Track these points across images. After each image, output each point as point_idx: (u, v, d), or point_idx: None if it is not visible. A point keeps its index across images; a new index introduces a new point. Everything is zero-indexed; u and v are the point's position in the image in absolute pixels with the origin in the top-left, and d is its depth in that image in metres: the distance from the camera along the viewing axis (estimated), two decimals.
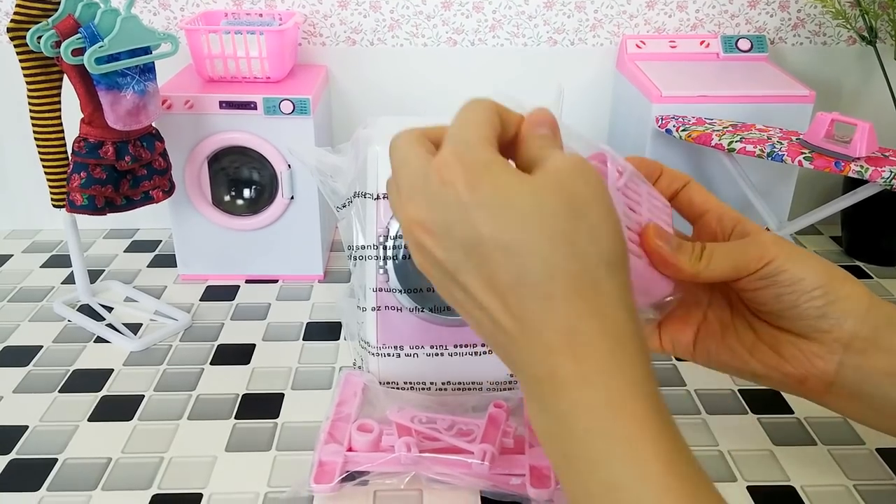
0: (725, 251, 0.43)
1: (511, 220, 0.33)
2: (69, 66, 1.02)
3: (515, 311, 0.33)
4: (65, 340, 1.16)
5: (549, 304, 0.33)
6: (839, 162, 1.03)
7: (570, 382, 0.32)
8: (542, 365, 0.33)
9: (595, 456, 0.31)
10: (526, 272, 0.33)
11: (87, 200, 1.08)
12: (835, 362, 0.43)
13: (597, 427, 0.31)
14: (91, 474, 0.90)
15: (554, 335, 0.32)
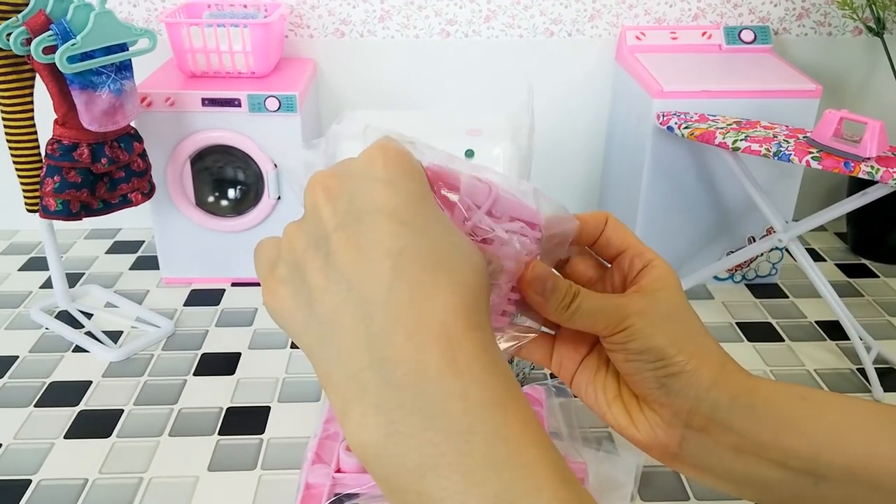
0: (593, 306, 0.43)
1: (419, 206, 0.31)
2: (41, 65, 0.97)
3: (389, 279, 0.29)
4: (42, 350, 1.11)
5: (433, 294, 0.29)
6: (849, 162, 0.98)
7: (442, 372, 0.28)
8: (402, 347, 0.28)
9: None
10: (407, 250, 0.30)
11: (61, 205, 1.03)
12: (677, 435, 0.43)
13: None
14: (66, 497, 0.85)
15: (432, 323, 0.28)
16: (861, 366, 1.08)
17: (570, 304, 0.42)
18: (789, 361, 1.11)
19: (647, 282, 0.43)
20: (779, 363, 1.11)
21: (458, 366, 0.28)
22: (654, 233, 1.29)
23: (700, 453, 0.41)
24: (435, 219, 0.32)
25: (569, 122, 1.45)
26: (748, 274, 1.32)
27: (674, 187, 1.24)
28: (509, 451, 0.27)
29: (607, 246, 0.46)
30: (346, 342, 0.29)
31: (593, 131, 1.47)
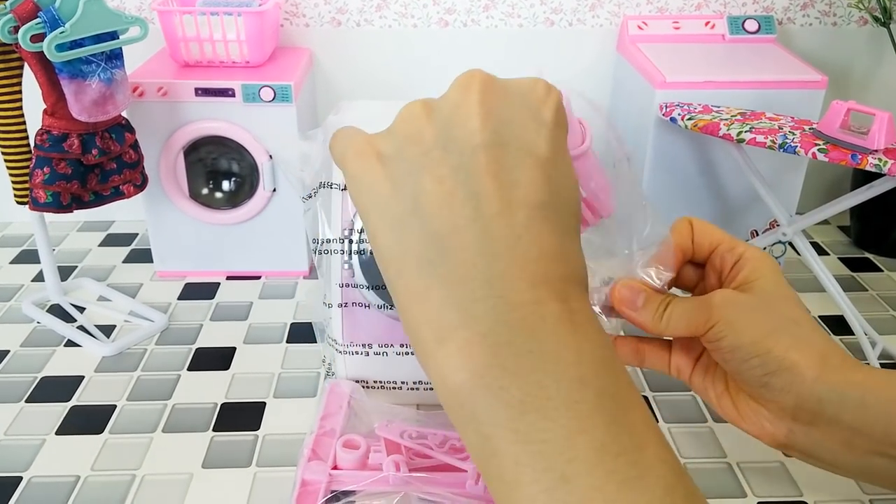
0: (682, 311, 0.43)
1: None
2: (28, 54, 0.95)
3: (521, 228, 0.28)
4: (33, 344, 1.09)
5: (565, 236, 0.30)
6: (856, 154, 0.96)
7: (559, 324, 0.27)
8: (524, 293, 0.27)
9: None
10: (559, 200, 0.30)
11: (51, 197, 1.00)
12: (784, 428, 0.42)
13: None
14: (58, 494, 0.84)
15: (553, 281, 0.27)
16: (866, 361, 1.07)
17: (662, 315, 0.41)
18: None
19: (742, 275, 0.42)
20: None
21: (574, 324, 0.26)
22: None
23: (809, 445, 0.40)
24: (572, 183, 0.30)
25: None
26: None
27: (676, 179, 1.22)
28: (617, 407, 0.26)
29: (699, 249, 0.46)
30: (460, 268, 0.28)
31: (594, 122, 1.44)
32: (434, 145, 0.30)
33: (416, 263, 0.29)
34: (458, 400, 0.27)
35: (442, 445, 0.83)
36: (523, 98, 0.31)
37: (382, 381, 0.93)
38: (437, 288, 0.28)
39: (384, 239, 0.30)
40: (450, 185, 0.29)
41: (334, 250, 0.88)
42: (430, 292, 0.28)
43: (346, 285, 0.88)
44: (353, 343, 0.91)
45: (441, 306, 0.28)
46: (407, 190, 0.29)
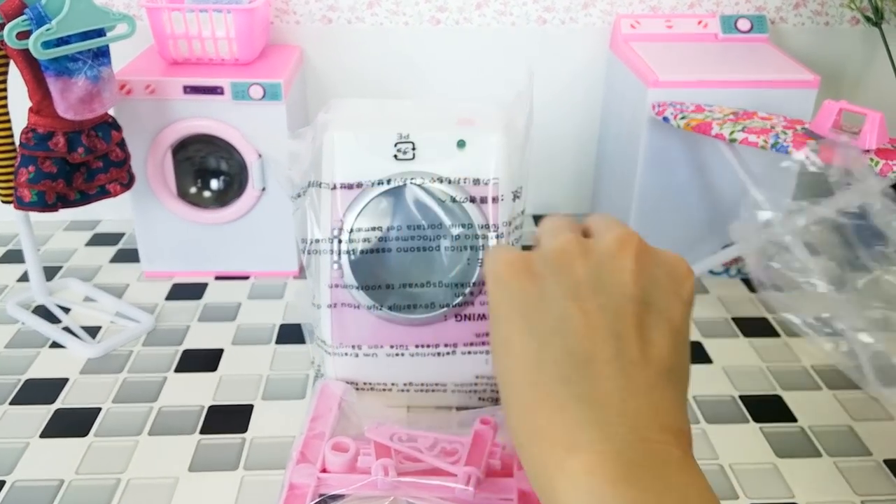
0: None
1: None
2: (14, 51, 0.93)
3: (653, 382, 0.32)
4: (17, 346, 1.08)
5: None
6: None
7: (682, 464, 0.31)
8: (655, 433, 0.31)
9: None
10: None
11: (36, 196, 0.99)
12: None
13: None
14: (42, 499, 0.82)
15: (677, 433, 0.32)
16: (857, 363, 1.06)
17: None
18: (785, 357, 1.09)
19: None
20: (775, 359, 1.09)
21: (694, 468, 0.30)
22: (648, 225, 1.26)
23: None
24: (689, 355, 0.35)
25: (561, 111, 1.43)
26: (744, 268, 1.30)
27: (669, 179, 1.21)
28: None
29: None
30: (599, 393, 0.32)
31: (586, 121, 1.44)
32: (585, 281, 0.34)
33: (554, 376, 0.32)
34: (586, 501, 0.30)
35: (432, 448, 0.82)
36: (669, 270, 0.36)
37: (372, 382, 0.92)
38: (575, 403, 0.32)
39: (523, 345, 0.34)
40: (595, 320, 0.33)
41: (323, 250, 0.87)
42: (567, 405, 0.32)
43: (336, 286, 0.87)
44: (342, 344, 0.89)
45: (578, 420, 0.31)
46: (554, 308, 0.33)
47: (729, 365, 1.07)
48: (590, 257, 0.36)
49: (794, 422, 0.97)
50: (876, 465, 0.90)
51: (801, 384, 1.04)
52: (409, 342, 0.89)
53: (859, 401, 1.01)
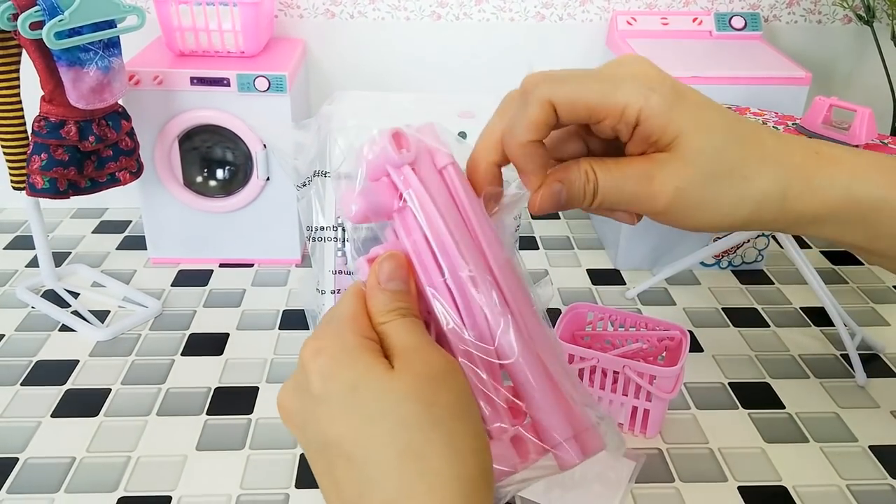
0: (618, 199, 0.37)
1: (357, 423, 0.31)
2: (27, 41, 0.95)
3: None
4: (28, 329, 1.11)
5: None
6: None
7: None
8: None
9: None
10: (369, 491, 0.30)
11: (48, 183, 1.02)
12: None
13: None
14: (54, 475, 0.85)
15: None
16: (845, 352, 1.10)
17: (592, 201, 0.38)
18: (774, 347, 1.12)
19: (652, 142, 0.36)
20: (764, 348, 1.12)
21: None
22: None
23: None
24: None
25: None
26: (734, 260, 1.33)
27: None
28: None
29: (575, 122, 0.39)
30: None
31: None
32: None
33: None
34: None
35: None
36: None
37: None
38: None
39: None
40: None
41: (328, 238, 0.89)
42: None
43: (340, 272, 0.90)
44: None
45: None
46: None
47: (719, 353, 1.10)
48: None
49: (782, 408, 1.00)
50: (861, 450, 0.93)
51: (790, 372, 1.07)
52: None
53: (846, 389, 1.04)
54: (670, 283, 1.27)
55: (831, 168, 0.36)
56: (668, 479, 0.88)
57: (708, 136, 0.35)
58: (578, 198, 0.36)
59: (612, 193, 0.36)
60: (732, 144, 0.35)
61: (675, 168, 0.35)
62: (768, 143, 0.36)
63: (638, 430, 0.93)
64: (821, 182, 0.36)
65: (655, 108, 0.34)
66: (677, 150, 0.35)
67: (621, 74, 0.35)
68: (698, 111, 0.36)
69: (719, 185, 0.36)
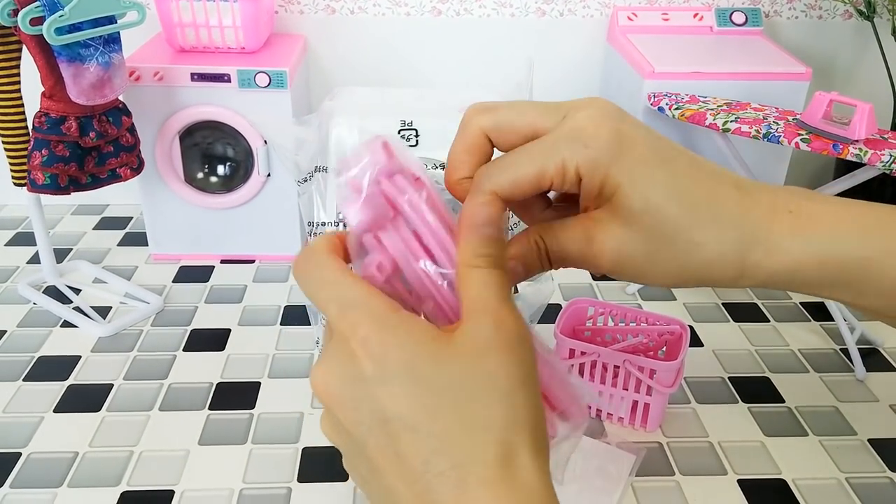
0: (570, 259, 0.36)
1: (420, 398, 0.30)
2: (28, 37, 0.96)
3: (423, 498, 0.30)
4: (30, 325, 1.11)
5: (461, 494, 0.30)
6: (837, 144, 0.99)
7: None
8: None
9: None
10: (436, 457, 0.30)
11: (49, 179, 1.02)
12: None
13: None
14: (57, 470, 0.86)
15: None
16: (844, 346, 1.10)
17: (550, 264, 0.38)
18: (774, 341, 1.13)
19: (594, 197, 0.34)
20: (763, 343, 1.12)
21: None
22: None
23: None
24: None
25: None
26: None
27: None
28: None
29: (532, 203, 0.39)
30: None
31: None
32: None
33: None
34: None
35: None
36: None
37: None
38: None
39: None
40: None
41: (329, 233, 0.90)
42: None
43: None
44: None
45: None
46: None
47: (719, 348, 1.11)
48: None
49: (782, 402, 1.00)
50: (860, 444, 0.94)
51: (789, 367, 1.07)
52: None
53: (845, 383, 1.04)
54: None
55: (807, 228, 0.35)
56: (668, 473, 0.88)
57: (647, 196, 0.33)
58: (536, 268, 0.37)
59: (561, 257, 0.36)
60: (677, 207, 0.33)
61: (612, 228, 0.34)
62: (727, 204, 0.34)
63: (638, 424, 0.94)
64: (793, 243, 0.35)
65: (592, 161, 0.33)
66: (617, 209, 0.34)
67: (561, 132, 0.35)
68: (640, 167, 0.34)
69: (663, 247, 0.34)
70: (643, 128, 0.35)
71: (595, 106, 0.34)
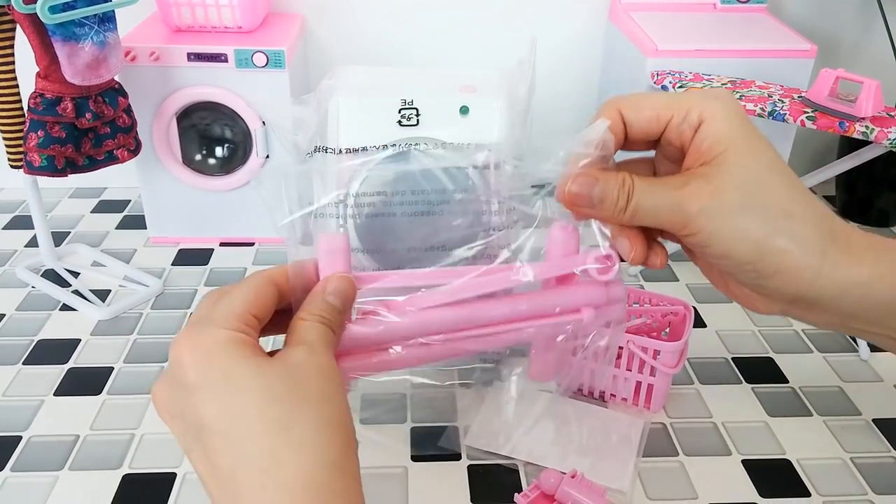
0: (651, 206, 0.36)
1: (230, 403, 0.32)
2: (22, 16, 0.94)
3: (233, 501, 0.32)
4: (28, 308, 1.10)
5: (263, 497, 0.31)
6: (843, 122, 0.98)
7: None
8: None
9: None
10: (243, 460, 0.32)
11: (45, 161, 1.01)
12: (778, 308, 0.39)
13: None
14: (57, 453, 0.85)
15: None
16: None
17: (626, 207, 0.37)
18: (778, 322, 1.12)
19: (707, 147, 0.35)
20: (768, 324, 1.12)
21: None
22: None
23: (805, 319, 0.38)
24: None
25: (560, 80, 1.44)
26: None
27: None
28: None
29: (645, 132, 0.39)
30: None
31: (584, 90, 1.45)
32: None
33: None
34: None
35: None
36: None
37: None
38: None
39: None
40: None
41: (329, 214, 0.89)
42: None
43: None
44: None
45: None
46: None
47: (722, 329, 1.10)
48: None
49: (786, 383, 1.00)
50: (865, 423, 0.93)
51: (793, 347, 1.07)
52: None
53: (849, 363, 1.04)
54: (673, 259, 1.26)
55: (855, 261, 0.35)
56: (672, 453, 0.88)
57: (757, 157, 0.35)
58: (612, 197, 0.36)
59: (646, 200, 0.36)
60: (778, 175, 0.34)
61: (717, 177, 0.35)
62: (815, 198, 0.36)
63: (642, 405, 0.93)
64: (866, 255, 0.35)
65: (718, 112, 0.35)
66: (723, 163, 0.35)
67: (692, 91, 0.37)
68: (756, 136, 0.35)
69: (760, 205, 0.34)
70: None
71: (727, 92, 0.37)
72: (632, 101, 0.38)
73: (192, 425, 0.33)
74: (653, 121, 0.38)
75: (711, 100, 0.35)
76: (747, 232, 0.35)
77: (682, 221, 0.37)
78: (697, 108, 0.36)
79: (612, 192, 0.37)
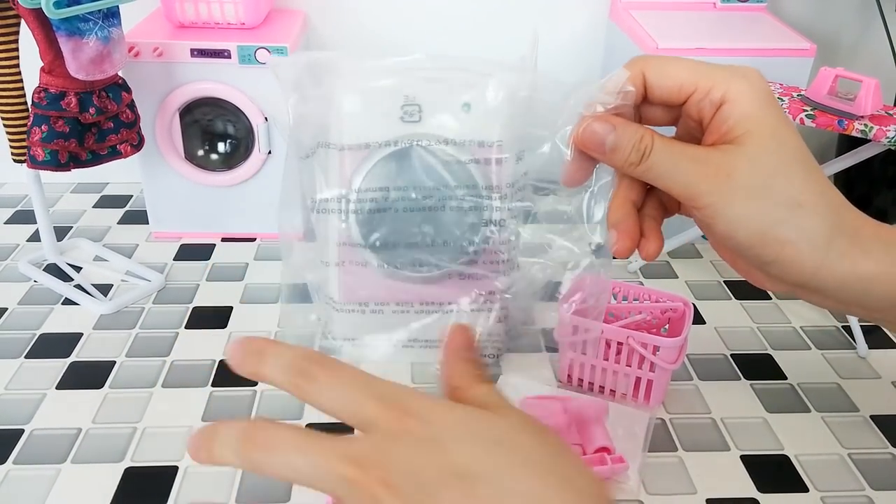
0: (667, 167, 0.35)
1: (483, 449, 0.29)
2: (26, 10, 0.94)
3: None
4: (31, 302, 1.10)
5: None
6: (842, 120, 0.98)
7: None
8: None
9: None
10: (514, 498, 0.28)
11: (49, 155, 1.01)
12: (784, 289, 0.39)
13: None
14: (60, 446, 0.86)
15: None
16: (846, 323, 1.10)
17: (639, 162, 0.36)
18: (776, 318, 1.13)
19: (727, 127, 0.34)
20: (766, 320, 1.12)
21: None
22: None
23: (809, 300, 0.37)
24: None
25: None
26: None
27: None
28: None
29: (666, 98, 0.37)
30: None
31: None
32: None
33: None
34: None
35: None
36: None
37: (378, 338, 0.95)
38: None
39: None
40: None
41: (332, 209, 0.89)
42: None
43: (344, 244, 0.90)
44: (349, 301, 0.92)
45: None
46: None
47: (721, 325, 1.11)
48: None
49: (784, 379, 1.00)
50: (863, 420, 0.94)
51: (791, 344, 1.07)
52: (414, 300, 0.92)
53: (847, 360, 1.04)
54: (672, 256, 1.27)
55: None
56: (671, 449, 0.88)
57: (780, 143, 0.33)
58: (625, 149, 0.36)
59: (663, 160, 0.35)
60: (797, 164, 0.33)
61: (734, 157, 0.34)
62: (832, 188, 0.35)
63: (641, 401, 0.94)
64: (875, 245, 0.34)
65: (743, 93, 0.34)
66: (742, 146, 0.34)
67: (720, 66, 0.36)
68: (782, 121, 0.34)
69: (771, 192, 0.33)
70: None
71: (756, 71, 0.36)
72: (658, 64, 0.37)
73: (434, 477, 0.29)
74: (674, 91, 0.37)
75: (739, 78, 0.34)
76: (750, 219, 0.35)
77: (691, 194, 0.36)
78: (722, 86, 0.35)
79: (627, 144, 0.37)
